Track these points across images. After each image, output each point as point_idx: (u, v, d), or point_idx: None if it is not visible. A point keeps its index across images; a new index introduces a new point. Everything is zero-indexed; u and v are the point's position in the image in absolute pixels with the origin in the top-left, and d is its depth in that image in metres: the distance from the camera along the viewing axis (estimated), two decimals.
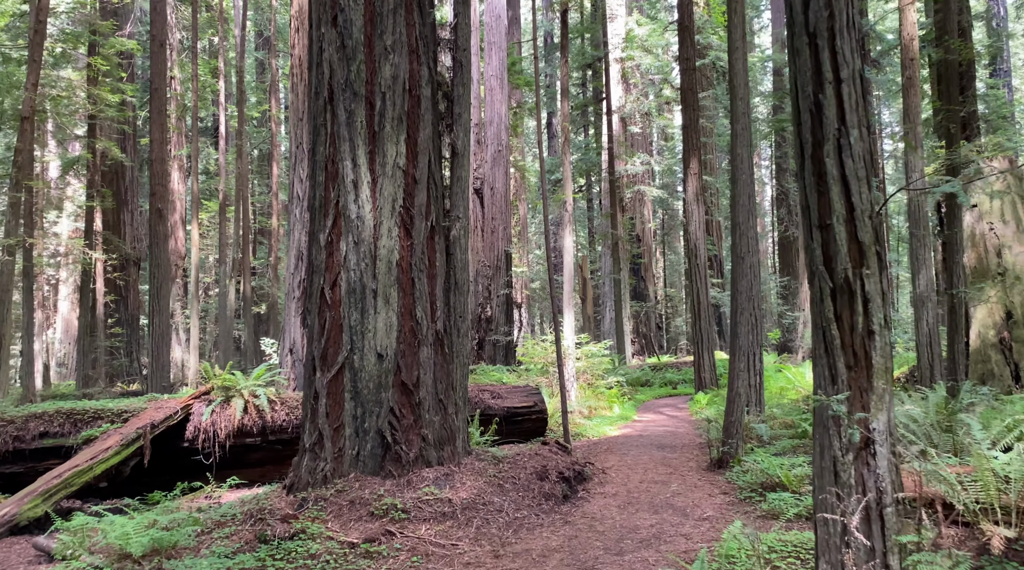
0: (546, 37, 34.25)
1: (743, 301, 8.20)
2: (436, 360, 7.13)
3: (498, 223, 22.77)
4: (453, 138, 7.47)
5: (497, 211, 22.75)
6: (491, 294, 22.62)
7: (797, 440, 9.60)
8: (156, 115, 16.78)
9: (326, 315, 6.97)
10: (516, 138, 25.88)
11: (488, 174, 22.74)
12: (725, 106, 26.79)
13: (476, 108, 22.62)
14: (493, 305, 22.61)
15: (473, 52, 22.84)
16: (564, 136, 14.32)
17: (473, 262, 22.47)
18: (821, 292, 2.95)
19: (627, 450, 10.30)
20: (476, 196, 22.70)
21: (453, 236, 7.41)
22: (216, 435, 9.54)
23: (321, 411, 6.84)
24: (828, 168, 2.89)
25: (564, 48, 14.37)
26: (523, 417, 11.10)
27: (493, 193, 22.75)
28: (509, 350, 22.66)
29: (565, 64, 14.24)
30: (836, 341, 2.90)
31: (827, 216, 2.90)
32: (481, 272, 22.52)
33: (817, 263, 2.94)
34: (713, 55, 23.80)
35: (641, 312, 26.32)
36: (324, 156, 7.13)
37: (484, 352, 22.31)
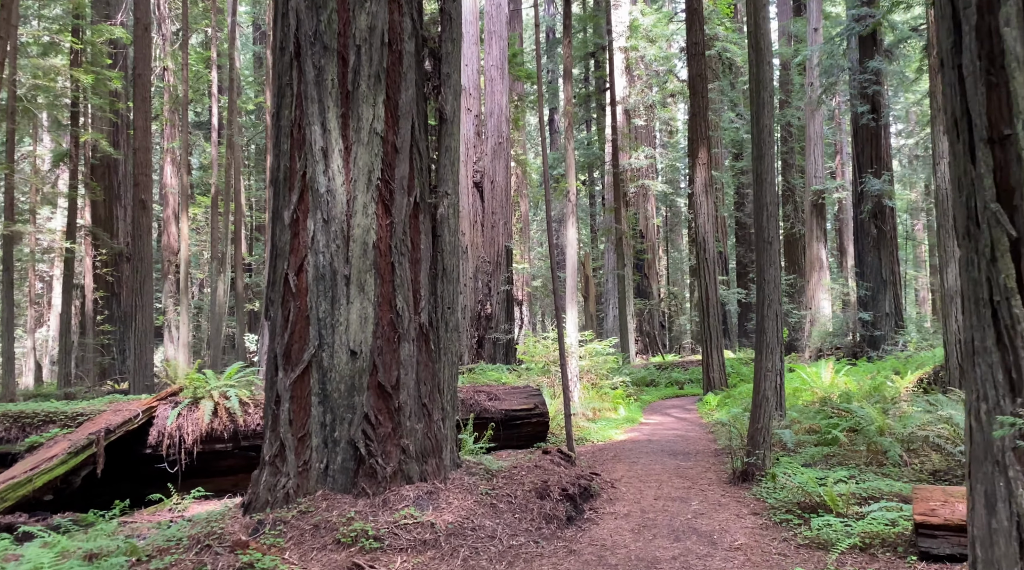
0: (548, 32, 33.11)
1: (770, 291, 7.05)
2: (419, 358, 5.99)
3: (498, 218, 21.63)
4: (441, 102, 6.33)
5: (498, 205, 21.61)
6: (491, 291, 21.48)
7: (826, 448, 8.45)
8: (140, 103, 15.66)
9: (290, 305, 5.84)
10: (517, 132, 24.75)
11: (488, 167, 21.60)
12: (731, 99, 25.64)
13: (476, 100, 21.50)
14: (493, 302, 21.48)
15: (472, 42, 21.72)
16: (568, 121, 13.18)
17: (473, 258, 21.34)
18: (988, 247, 1.83)
19: (636, 458, 9.16)
20: (476, 190, 21.57)
21: (440, 214, 6.27)
22: (182, 441, 8.44)
23: (283, 418, 5.71)
24: (1007, 44, 1.77)
25: (567, 28, 13.24)
26: (523, 420, 9.97)
27: (494, 187, 21.61)
28: (510, 349, 21.53)
29: (568, 45, 13.10)
30: (1022, 323, 1.78)
31: (1002, 122, 1.79)
32: (481, 268, 21.39)
33: (984, 198, 1.83)
34: (719, 46, 22.63)
35: (645, 310, 25.17)
36: (289, 121, 6.00)
37: (484, 351, 21.17)
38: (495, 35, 21.79)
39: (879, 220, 21.65)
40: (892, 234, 21.94)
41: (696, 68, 15.86)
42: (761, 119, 7.03)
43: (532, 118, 35.19)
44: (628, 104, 23.01)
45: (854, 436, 8.41)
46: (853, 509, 5.49)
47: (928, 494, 4.61)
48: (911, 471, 7.06)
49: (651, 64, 23.02)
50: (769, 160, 7.04)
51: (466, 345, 21.09)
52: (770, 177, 7.03)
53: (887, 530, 4.93)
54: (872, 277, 21.98)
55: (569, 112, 13.07)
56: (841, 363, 17.51)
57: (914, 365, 16.16)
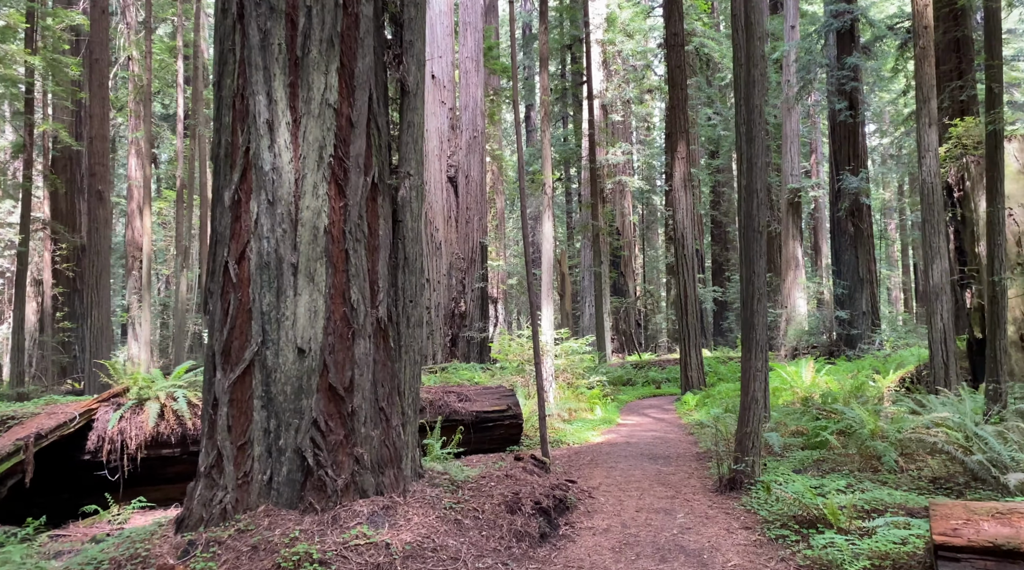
0: (524, 28, 32.46)
1: (759, 284, 6.46)
2: (377, 356, 5.31)
3: (473, 213, 20.95)
4: (403, 72, 5.65)
5: (472, 201, 20.93)
6: (465, 288, 20.79)
7: (815, 452, 7.90)
8: (97, 89, 14.79)
9: (230, 297, 5.13)
10: (493, 127, 24.07)
11: (463, 162, 20.91)
12: (708, 95, 25.16)
13: (451, 92, 20.80)
14: (467, 299, 20.79)
15: (447, 33, 21.01)
16: (544, 111, 12.54)
17: (447, 254, 20.64)
18: None
19: (615, 462, 8.54)
20: (450, 184, 20.87)
21: (402, 197, 5.59)
22: (125, 446, 7.67)
23: (221, 424, 5.00)
24: None
25: (543, 15, 12.58)
26: (494, 423, 9.31)
27: (468, 181, 20.92)
28: (484, 347, 20.87)
29: (544, 32, 12.46)
30: None
31: None
32: (455, 265, 20.70)
33: None
34: (697, 41, 22.12)
35: (621, 308, 24.61)
36: (231, 90, 5.29)
37: (457, 349, 20.48)
38: (470, 26, 21.10)
39: (856, 218, 21.28)
40: (869, 232, 21.58)
41: (675, 59, 15.30)
42: (752, 99, 6.43)
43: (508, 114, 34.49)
44: (605, 99, 22.43)
45: (844, 439, 7.87)
46: (856, 524, 4.90)
47: (948, 511, 4.02)
48: (908, 478, 6.51)
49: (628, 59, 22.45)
50: (760, 143, 6.45)
51: (439, 344, 20.40)
52: (761, 161, 6.44)
53: (897, 550, 4.34)
54: (849, 275, 21.61)
55: (546, 102, 12.43)
56: (819, 362, 17.06)
57: (894, 364, 15.74)
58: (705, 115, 25.12)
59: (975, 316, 12.12)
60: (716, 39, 23.31)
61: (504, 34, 26.92)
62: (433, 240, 20.56)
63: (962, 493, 5.97)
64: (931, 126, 11.53)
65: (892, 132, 30.24)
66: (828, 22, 20.51)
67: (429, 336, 20.55)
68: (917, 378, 13.15)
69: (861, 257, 21.48)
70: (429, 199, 20.57)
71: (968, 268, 12.23)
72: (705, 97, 23.89)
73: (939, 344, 11.47)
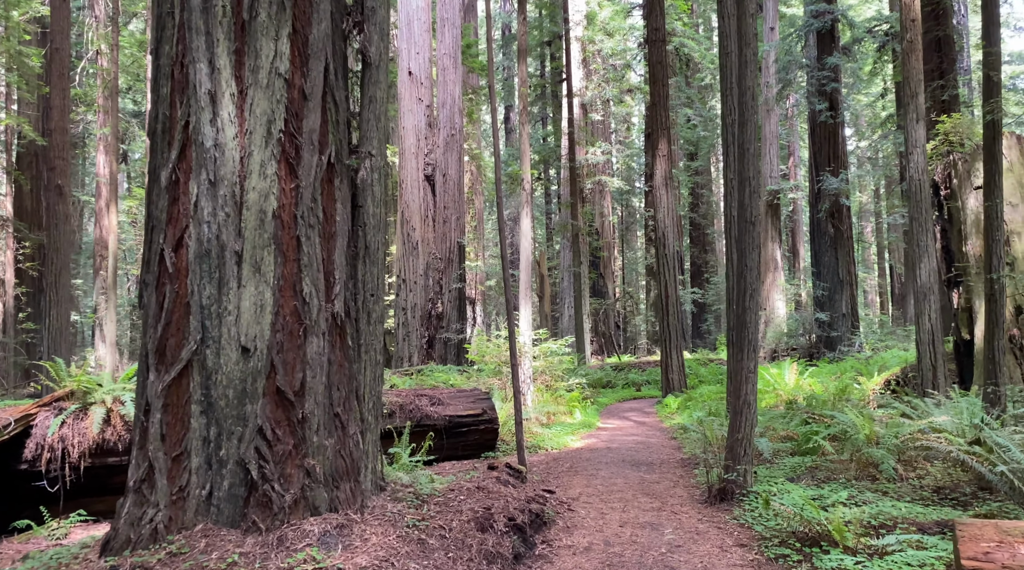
0: (503, 29, 31.92)
1: (752, 279, 5.93)
2: (332, 356, 4.70)
3: (451, 213, 20.34)
4: (364, 42, 5.05)
5: (450, 199, 20.32)
6: (443, 288, 20.17)
7: (806, 458, 7.38)
8: (57, 79, 14.04)
9: (166, 289, 4.50)
10: (472, 126, 23.49)
11: (440, 160, 20.29)
12: (688, 96, 24.74)
13: (428, 89, 20.20)
14: (445, 300, 20.17)
15: (425, 29, 20.40)
16: (522, 104, 11.98)
17: (424, 254, 20.01)
18: None
19: (595, 468, 7.98)
20: (427, 183, 20.24)
21: (362, 179, 4.99)
22: (67, 454, 6.99)
23: (153, 432, 4.37)
24: None
25: (522, 4, 12.03)
26: (469, 428, 8.72)
27: (446, 180, 20.31)
28: (461, 349, 20.24)
29: (523, 22, 11.91)
30: None
31: None
32: (432, 265, 20.06)
33: None
34: (677, 41, 21.69)
35: (600, 310, 24.10)
36: (169, 58, 4.66)
37: (434, 351, 19.84)
38: (448, 22, 20.51)
39: (836, 219, 20.93)
40: (849, 233, 21.26)
41: (656, 55, 14.81)
42: (744, 80, 5.91)
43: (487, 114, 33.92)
44: (585, 98, 21.93)
45: (837, 445, 7.36)
46: (864, 542, 4.37)
47: (977, 531, 3.49)
48: (910, 488, 6.01)
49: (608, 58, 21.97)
50: (752, 128, 5.92)
51: (416, 345, 19.76)
52: (753, 147, 5.91)
53: None
54: (829, 277, 21.25)
55: (524, 95, 11.87)
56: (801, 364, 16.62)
57: (877, 366, 15.34)
58: (684, 116, 24.70)
59: (963, 317, 11.71)
60: (696, 39, 22.92)
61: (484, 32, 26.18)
62: (410, 239, 19.93)
63: (969, 504, 5.48)
64: (919, 122, 11.11)
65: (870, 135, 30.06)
66: (808, 22, 20.17)
67: (405, 338, 19.90)
68: (903, 380, 12.73)
69: (841, 259, 21.14)
70: (406, 198, 19.95)
71: (956, 268, 11.83)
72: (685, 97, 23.47)
73: (927, 345, 11.04)
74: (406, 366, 19.44)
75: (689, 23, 23.84)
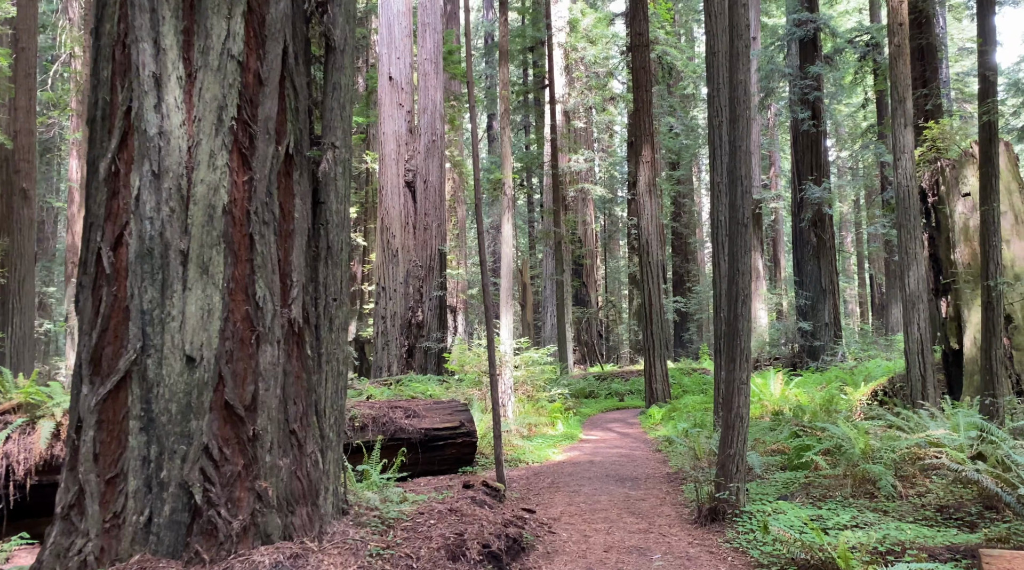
0: (486, 37, 31.59)
1: (744, 284, 5.52)
2: (288, 367, 4.23)
3: (432, 219, 19.88)
4: (328, 24, 4.61)
5: (431, 206, 19.86)
6: (423, 297, 19.67)
7: (798, 473, 6.98)
8: (23, 79, 13.46)
9: (103, 292, 4.02)
10: (454, 133, 23.08)
11: (421, 166, 19.85)
12: (670, 104, 24.48)
13: (408, 95, 19.77)
14: (425, 309, 19.67)
15: (405, 34, 20.00)
16: (504, 105, 11.59)
17: (404, 261, 19.53)
18: None
19: (578, 484, 7.53)
20: (408, 190, 19.78)
21: (324, 173, 4.53)
22: (11, 471, 6.45)
23: (85, 451, 3.87)
24: None
25: (503, 3, 11.64)
26: (445, 441, 8.24)
27: (427, 187, 19.86)
28: (442, 358, 19.75)
29: (504, 23, 11.52)
30: None
31: None
32: (412, 272, 19.58)
33: None
34: (659, 49, 21.42)
35: (583, 319, 23.70)
36: (111, 38, 4.20)
37: (414, 360, 19.32)
38: (429, 27, 20.12)
39: (819, 228, 20.71)
40: (831, 243, 21.03)
41: (640, 61, 14.48)
42: (736, 73, 5.53)
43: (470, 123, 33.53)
44: (568, 105, 21.59)
45: (831, 459, 6.96)
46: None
47: (1007, 564, 3.08)
48: (911, 506, 5.61)
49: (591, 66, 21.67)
50: (745, 124, 5.53)
51: (395, 355, 19.24)
52: (745, 145, 5.52)
53: None
54: (812, 286, 21.00)
55: (506, 98, 11.49)
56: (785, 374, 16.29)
57: (862, 376, 15.04)
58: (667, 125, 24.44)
59: (951, 326, 11.41)
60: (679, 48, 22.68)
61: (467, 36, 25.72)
62: (390, 247, 19.45)
63: (976, 525, 5.09)
64: (907, 127, 10.82)
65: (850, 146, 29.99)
66: (791, 31, 19.99)
67: (384, 347, 19.38)
68: (891, 391, 12.41)
69: (824, 268, 20.90)
70: (386, 204, 19.48)
71: (943, 276, 11.53)
72: (667, 106, 23.20)
73: (916, 355, 10.72)
74: (385, 376, 18.92)
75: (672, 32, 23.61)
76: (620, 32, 25.55)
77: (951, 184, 11.39)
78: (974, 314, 11.06)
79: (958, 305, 11.19)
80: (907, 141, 10.83)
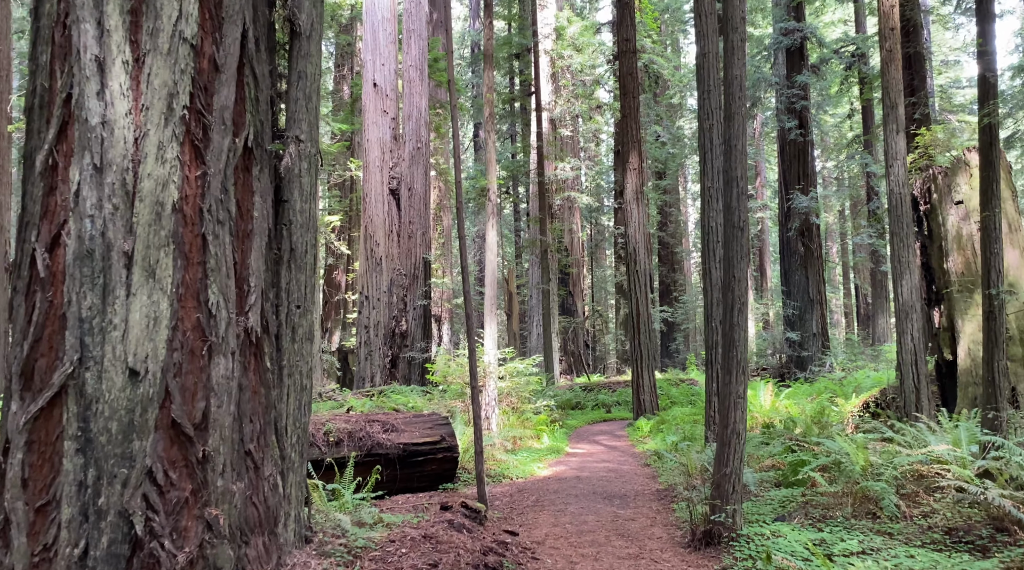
0: (472, 47, 31.31)
1: (741, 291, 5.17)
2: (244, 381, 3.82)
3: (416, 227, 19.48)
4: (292, 7, 4.22)
5: (415, 214, 19.46)
6: (407, 306, 19.24)
7: (794, 490, 6.62)
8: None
9: (36, 298, 3.60)
10: (440, 140, 22.71)
11: (406, 173, 19.47)
12: (657, 113, 24.26)
13: (393, 102, 19.41)
14: (409, 318, 19.24)
15: (390, 41, 19.65)
16: (489, 109, 11.23)
17: (388, 270, 19.10)
18: None
19: (564, 502, 7.13)
20: (392, 197, 19.38)
21: (287, 168, 4.14)
22: None
23: (12, 476, 3.44)
24: None
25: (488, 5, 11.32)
26: (425, 457, 7.82)
27: (411, 194, 19.47)
28: (426, 369, 19.32)
29: (490, 27, 11.19)
30: None
31: None
32: (396, 281, 19.15)
33: None
34: (646, 58, 21.19)
35: (569, 328, 23.32)
36: (51, 17, 3.80)
37: (398, 371, 18.86)
38: (415, 34, 19.78)
39: (807, 238, 20.47)
40: (819, 253, 20.79)
41: (627, 66, 14.19)
42: (731, 69, 5.19)
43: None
44: (554, 113, 21.28)
45: (828, 476, 6.60)
46: None
47: None
48: (917, 528, 5.25)
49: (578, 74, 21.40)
50: (740, 122, 5.19)
51: (378, 365, 18.77)
52: (741, 144, 5.18)
53: None
54: (799, 296, 20.75)
55: (491, 101, 11.13)
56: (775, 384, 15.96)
57: (852, 387, 14.75)
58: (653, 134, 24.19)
59: (944, 337, 11.11)
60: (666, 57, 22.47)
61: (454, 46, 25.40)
62: (373, 255, 19.01)
63: (987, 548, 4.74)
64: (899, 133, 10.57)
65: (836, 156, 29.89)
66: (778, 39, 19.80)
67: (367, 357, 18.91)
68: (883, 402, 12.10)
69: (811, 278, 20.65)
70: (370, 212, 19.07)
71: (936, 285, 11.25)
72: (654, 115, 22.96)
73: (909, 366, 10.43)
74: (367, 387, 18.45)
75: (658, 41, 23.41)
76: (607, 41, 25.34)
77: (943, 192, 11.13)
78: (968, 324, 10.77)
79: (952, 315, 10.90)
80: (899, 147, 10.56)
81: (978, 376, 10.35)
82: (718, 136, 8.17)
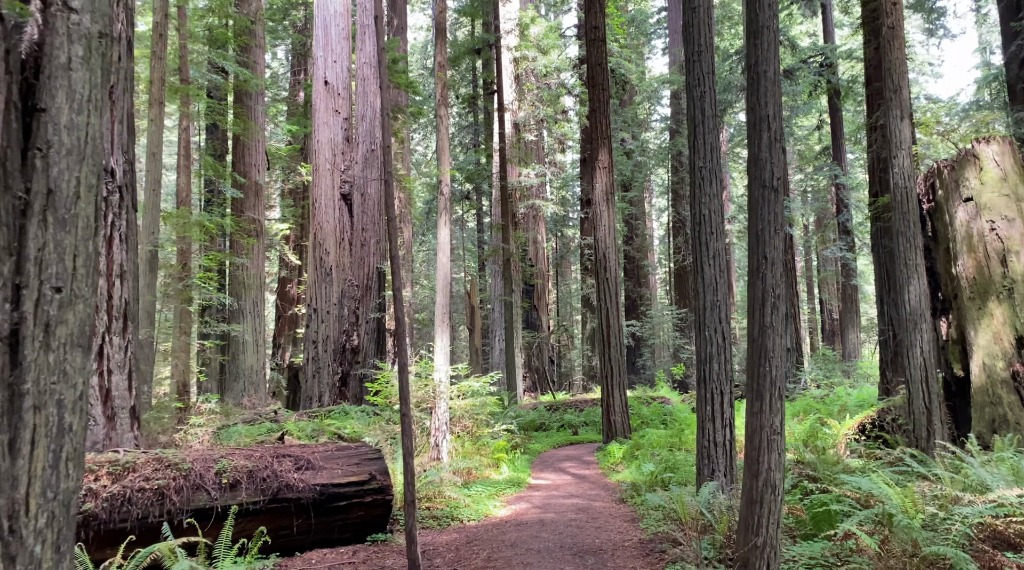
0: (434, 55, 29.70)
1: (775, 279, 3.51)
2: None
3: (370, 235, 17.65)
4: None
5: (369, 221, 17.64)
6: (359, 319, 17.34)
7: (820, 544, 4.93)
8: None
9: None
10: (399, 146, 20.97)
11: (359, 177, 17.66)
12: (624, 119, 22.84)
13: (346, 101, 17.64)
14: (361, 333, 17.34)
15: (343, 36, 17.92)
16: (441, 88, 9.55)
17: (338, 281, 17.21)
18: None
19: (524, 562, 5.36)
20: (344, 203, 17.54)
21: (33, 50, 2.36)
22: None
23: None
24: None
25: None
26: (349, 501, 6.01)
27: (365, 200, 17.66)
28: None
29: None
30: None
31: None
32: (348, 292, 17.26)
33: None
34: (613, 62, 19.76)
35: (534, 343, 21.60)
36: None
37: (348, 390, 16.93)
38: (369, 29, 18.08)
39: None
40: (792, 265, 19.46)
41: (596, 56, 12.65)
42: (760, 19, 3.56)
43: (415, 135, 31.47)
44: (518, 117, 19.70)
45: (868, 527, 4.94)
46: None
47: None
48: None
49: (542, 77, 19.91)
50: (772, 39, 3.56)
51: (327, 383, 16.82)
52: (772, 71, 3.54)
53: None
54: None
55: (442, 78, 9.45)
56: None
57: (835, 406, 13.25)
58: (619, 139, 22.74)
59: (953, 350, 9.61)
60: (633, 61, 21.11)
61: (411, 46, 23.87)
62: (323, 265, 17.11)
63: None
64: (903, 118, 9.12)
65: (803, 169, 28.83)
66: None
67: (316, 374, 16.94)
68: (881, 425, 10.57)
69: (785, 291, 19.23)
70: (319, 218, 17.22)
71: (943, 292, 9.78)
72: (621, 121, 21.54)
73: (919, 384, 8.88)
74: (315, 406, 16.52)
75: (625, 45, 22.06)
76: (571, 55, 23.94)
77: (950, 187, 9.68)
78: (982, 335, 9.28)
79: (962, 325, 9.41)
80: (904, 135, 9.10)
81: (995, 394, 8.88)
82: (710, 106, 6.57)
